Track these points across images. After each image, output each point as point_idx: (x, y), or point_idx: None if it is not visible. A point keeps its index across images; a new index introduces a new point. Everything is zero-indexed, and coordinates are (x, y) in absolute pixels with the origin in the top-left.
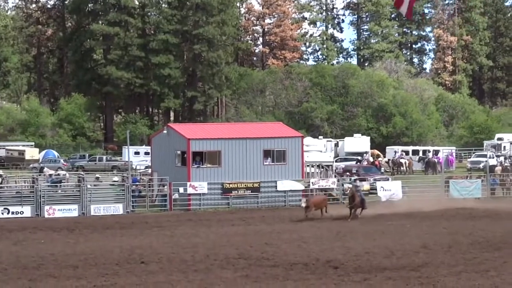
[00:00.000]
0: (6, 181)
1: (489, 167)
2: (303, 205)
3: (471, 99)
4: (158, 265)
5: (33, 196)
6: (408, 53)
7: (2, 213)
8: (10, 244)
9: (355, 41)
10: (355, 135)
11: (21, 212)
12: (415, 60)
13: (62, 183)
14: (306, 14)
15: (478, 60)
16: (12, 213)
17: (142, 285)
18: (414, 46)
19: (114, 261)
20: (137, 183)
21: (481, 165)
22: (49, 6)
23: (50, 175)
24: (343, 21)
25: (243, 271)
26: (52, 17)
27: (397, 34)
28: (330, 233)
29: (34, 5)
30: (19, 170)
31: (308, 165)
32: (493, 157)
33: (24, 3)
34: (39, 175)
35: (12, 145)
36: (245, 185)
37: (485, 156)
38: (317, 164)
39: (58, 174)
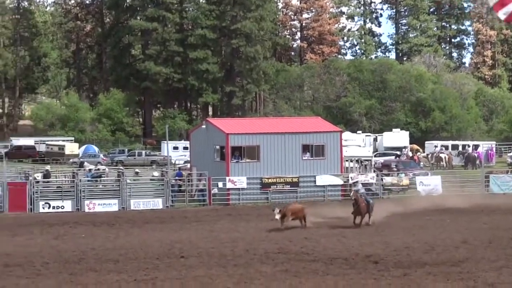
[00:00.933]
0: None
1: None
2: (277, 217)
3: (511, 93)
4: (198, 259)
5: (73, 191)
6: (447, 47)
7: (43, 208)
8: (51, 238)
9: (394, 36)
10: (393, 129)
11: (62, 207)
12: (454, 54)
13: (102, 178)
14: (344, 9)
15: None
16: (53, 207)
17: (182, 279)
18: (453, 40)
19: (154, 255)
20: (181, 177)
21: None
22: (87, 2)
23: (90, 169)
24: (381, 15)
25: (282, 265)
26: (91, 13)
27: (435, 28)
28: (369, 228)
29: (73, 1)
30: (59, 165)
31: (347, 160)
32: None
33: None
34: (79, 170)
35: (52, 140)
36: (284, 180)
37: None
38: (356, 159)
39: (98, 169)
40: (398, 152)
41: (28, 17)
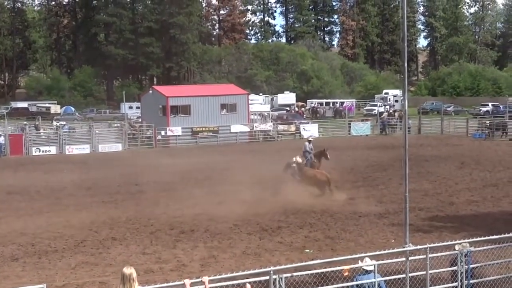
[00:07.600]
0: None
1: (378, 113)
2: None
3: (366, 65)
4: (148, 186)
5: (57, 139)
6: (322, 34)
7: (35, 152)
8: (42, 173)
9: (284, 26)
10: (285, 92)
11: (49, 151)
12: (326, 38)
13: (75, 130)
14: (249, 7)
15: (371, 38)
16: (42, 151)
17: (136, 200)
18: (325, 28)
19: (116, 184)
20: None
21: (373, 112)
22: (64, 2)
23: (64, 125)
24: (275, 11)
25: None
26: (67, 11)
27: (313, 20)
28: None
29: (53, 2)
30: (46, 121)
31: (252, 114)
32: (381, 106)
33: (46, 1)
34: (60, 125)
35: (41, 103)
36: (208, 129)
37: (376, 105)
38: (259, 113)
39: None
40: (288, 108)
41: (21, 14)
